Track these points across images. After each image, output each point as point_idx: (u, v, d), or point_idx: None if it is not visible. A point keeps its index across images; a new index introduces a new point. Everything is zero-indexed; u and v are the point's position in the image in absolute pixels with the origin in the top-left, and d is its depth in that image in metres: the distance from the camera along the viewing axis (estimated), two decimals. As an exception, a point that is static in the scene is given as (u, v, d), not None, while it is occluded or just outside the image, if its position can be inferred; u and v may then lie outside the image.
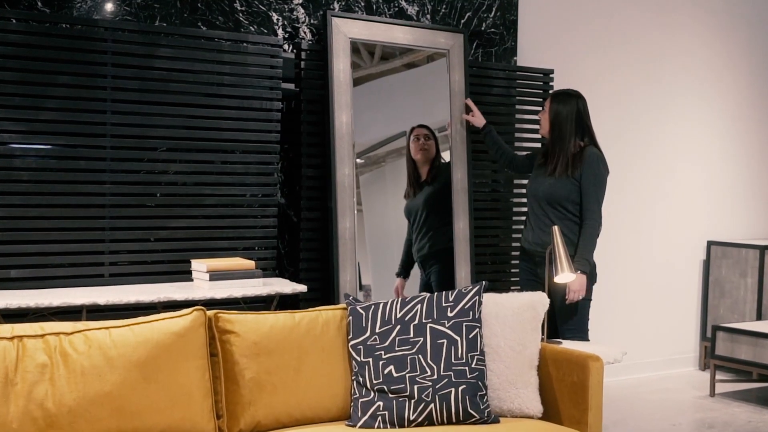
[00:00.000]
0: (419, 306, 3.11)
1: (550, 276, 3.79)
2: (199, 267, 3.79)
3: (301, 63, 4.30)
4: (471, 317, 3.08)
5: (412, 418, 2.96)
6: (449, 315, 3.08)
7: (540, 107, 4.91)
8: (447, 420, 2.97)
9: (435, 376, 2.99)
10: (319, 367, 3.01)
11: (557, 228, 3.74)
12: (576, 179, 4.11)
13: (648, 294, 5.93)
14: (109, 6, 3.97)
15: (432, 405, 2.96)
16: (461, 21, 4.89)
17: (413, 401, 2.96)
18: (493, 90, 4.95)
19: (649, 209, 5.93)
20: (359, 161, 4.42)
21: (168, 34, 4.00)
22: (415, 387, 2.97)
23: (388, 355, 3.03)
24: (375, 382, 3.00)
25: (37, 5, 3.81)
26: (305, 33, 4.43)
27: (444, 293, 3.14)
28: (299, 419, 2.96)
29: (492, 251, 4.95)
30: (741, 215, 6.38)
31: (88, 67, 3.81)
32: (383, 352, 3.04)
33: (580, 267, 4.00)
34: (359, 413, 2.98)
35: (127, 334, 2.70)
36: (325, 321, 3.08)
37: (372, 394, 3.00)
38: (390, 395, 2.98)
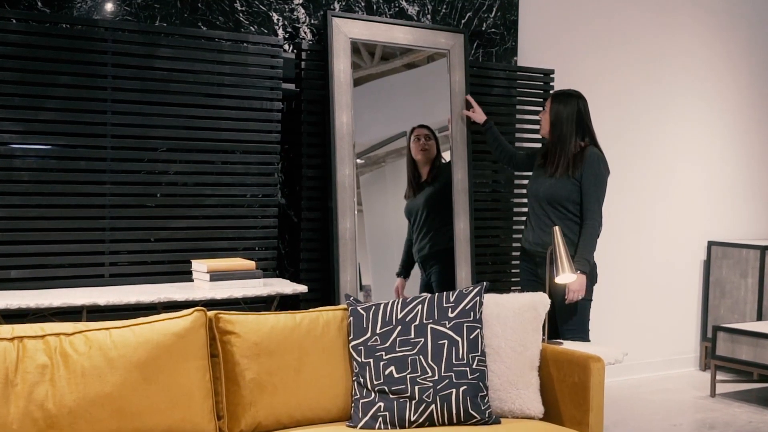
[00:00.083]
0: (420, 306, 3.10)
1: (550, 276, 3.79)
2: (200, 267, 3.79)
3: (302, 63, 4.30)
4: (472, 318, 3.08)
5: (412, 418, 2.96)
6: (450, 316, 3.08)
7: (540, 107, 4.91)
8: (448, 421, 2.97)
9: (436, 376, 2.98)
10: (320, 368, 3.00)
11: (558, 228, 3.74)
12: (576, 179, 4.10)
13: (648, 294, 5.92)
14: (109, 6, 3.96)
15: (433, 406, 2.95)
16: (462, 21, 4.89)
17: (414, 402, 2.96)
18: (494, 90, 4.94)
19: (650, 209, 5.92)
20: (359, 161, 4.42)
21: (168, 34, 4.00)
22: (416, 388, 2.97)
23: (388, 356, 3.02)
24: (376, 382, 3.00)
25: (37, 5, 3.80)
26: (305, 33, 4.42)
27: (445, 294, 3.14)
28: (300, 420, 2.96)
29: (492, 251, 4.95)
30: (741, 215, 6.38)
31: (88, 67, 3.80)
32: (384, 352, 3.03)
33: (579, 267, 3.99)
34: (360, 414, 2.98)
35: (128, 334, 2.70)
36: (326, 321, 3.08)
37: (373, 394, 2.99)
38: (391, 396, 2.98)
